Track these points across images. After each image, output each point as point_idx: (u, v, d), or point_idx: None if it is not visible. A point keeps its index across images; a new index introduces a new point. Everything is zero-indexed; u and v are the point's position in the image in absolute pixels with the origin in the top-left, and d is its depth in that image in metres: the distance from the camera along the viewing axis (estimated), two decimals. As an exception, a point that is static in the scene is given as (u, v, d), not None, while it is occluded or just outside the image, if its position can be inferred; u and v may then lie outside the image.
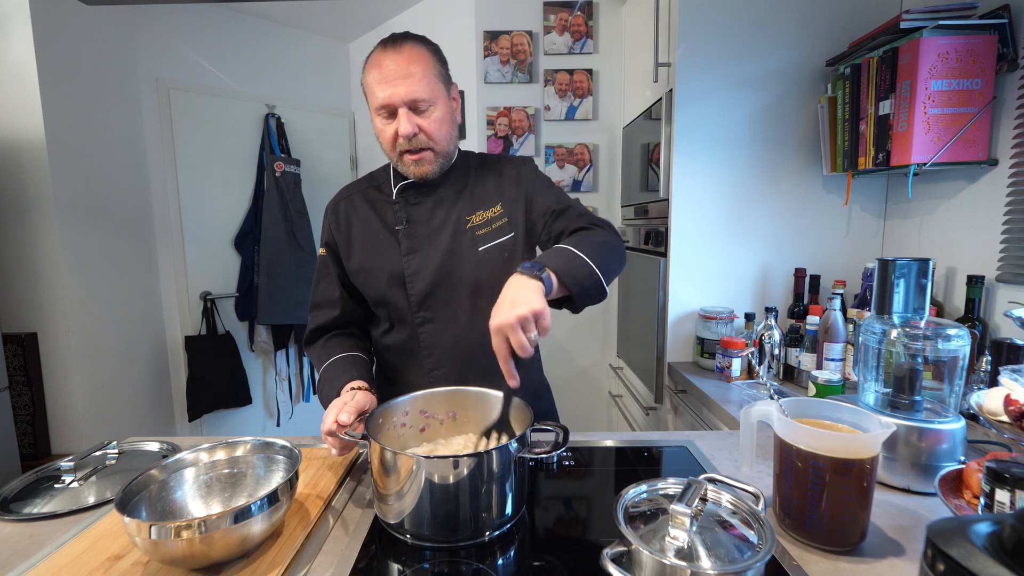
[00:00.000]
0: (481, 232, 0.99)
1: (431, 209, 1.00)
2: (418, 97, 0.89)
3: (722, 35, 1.59)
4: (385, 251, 1.00)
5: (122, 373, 2.15)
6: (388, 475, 0.67)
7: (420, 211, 1.00)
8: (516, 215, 1.01)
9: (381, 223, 1.01)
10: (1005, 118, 1.25)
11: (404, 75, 0.88)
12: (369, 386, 0.90)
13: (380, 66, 0.89)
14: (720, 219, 1.67)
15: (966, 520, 0.40)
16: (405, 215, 1.00)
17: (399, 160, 0.95)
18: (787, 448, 0.66)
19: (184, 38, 2.36)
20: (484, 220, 1.00)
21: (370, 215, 1.02)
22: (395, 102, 0.88)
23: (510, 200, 1.02)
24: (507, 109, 2.36)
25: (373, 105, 0.92)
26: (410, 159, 0.93)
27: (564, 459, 0.91)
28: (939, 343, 0.80)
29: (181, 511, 0.70)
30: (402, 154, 0.93)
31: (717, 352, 1.54)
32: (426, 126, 0.91)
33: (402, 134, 0.90)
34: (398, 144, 0.92)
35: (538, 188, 1.03)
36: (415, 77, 0.88)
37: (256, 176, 2.59)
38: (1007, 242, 1.23)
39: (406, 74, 0.88)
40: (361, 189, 1.06)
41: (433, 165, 0.95)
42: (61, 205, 1.87)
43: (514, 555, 0.67)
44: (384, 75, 0.88)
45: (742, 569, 0.49)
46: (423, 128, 0.91)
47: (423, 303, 0.99)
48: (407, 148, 0.92)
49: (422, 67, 0.89)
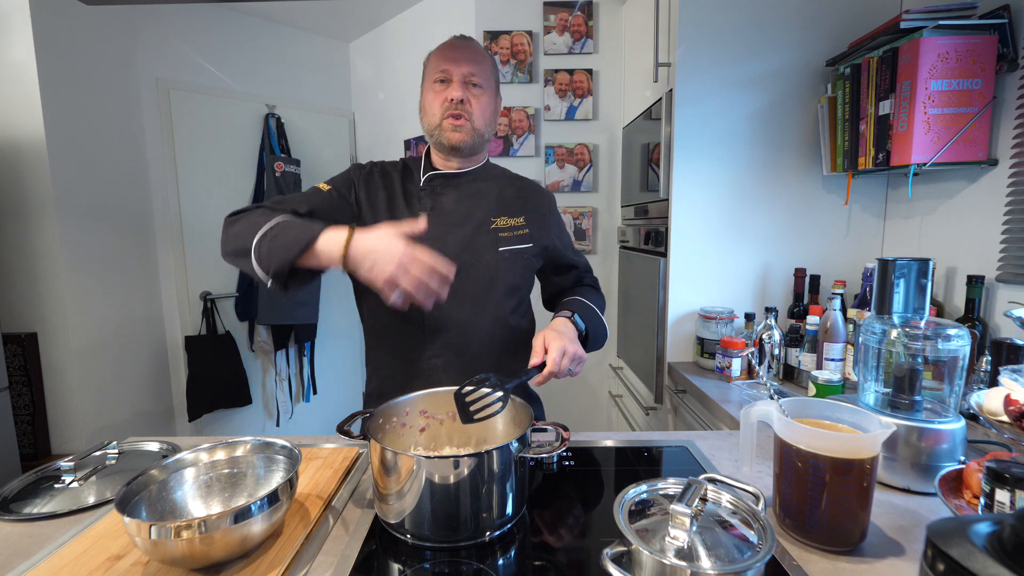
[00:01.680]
0: (504, 235, 1.05)
1: (456, 201, 1.04)
2: (475, 79, 0.99)
3: (722, 35, 1.59)
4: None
5: (122, 373, 2.15)
6: (388, 475, 0.67)
7: (445, 200, 1.04)
8: (539, 236, 1.08)
9: (406, 203, 1.04)
10: (1005, 118, 1.25)
11: (469, 58, 1.00)
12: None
13: (452, 46, 1.01)
14: (720, 219, 1.67)
15: (966, 520, 0.40)
16: (430, 203, 1.03)
17: (438, 127, 1.00)
18: (787, 448, 0.66)
19: (184, 38, 2.36)
20: (508, 225, 1.06)
21: (398, 191, 1.06)
22: (454, 72, 0.98)
23: (534, 222, 1.09)
24: (507, 109, 2.36)
25: (431, 77, 1.00)
26: (450, 123, 0.99)
27: (564, 459, 0.91)
28: (939, 343, 0.80)
29: (181, 511, 0.70)
30: (445, 117, 0.99)
31: (717, 352, 1.54)
32: (473, 101, 1.00)
33: (453, 95, 0.98)
34: (444, 108, 0.99)
35: (561, 229, 1.15)
36: (476, 63, 1.00)
37: (256, 176, 2.59)
38: (1007, 242, 1.23)
39: (470, 58, 1.00)
40: (395, 168, 1.09)
41: (469, 136, 1.01)
42: (61, 205, 1.87)
43: (514, 555, 0.67)
44: (454, 52, 1.00)
45: (742, 569, 0.49)
46: (470, 101, 0.99)
47: None
48: (451, 112, 0.98)
49: (486, 62, 1.03)
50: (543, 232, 1.09)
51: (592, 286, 1.18)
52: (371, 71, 2.89)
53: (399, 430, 0.84)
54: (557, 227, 1.14)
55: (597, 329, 1.05)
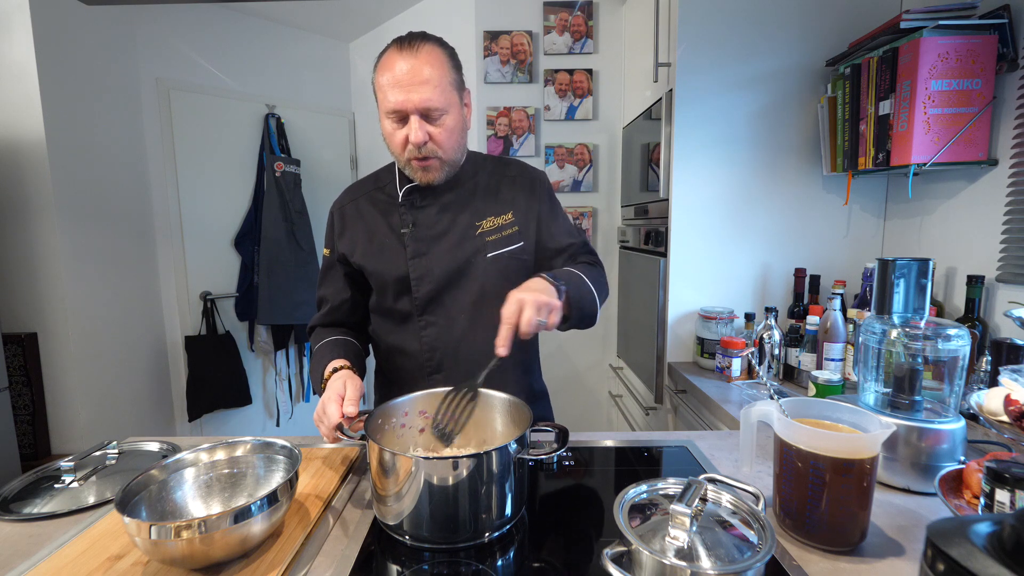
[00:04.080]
0: (491, 238, 0.99)
1: (438, 213, 1.00)
2: (432, 106, 0.86)
3: (722, 35, 1.59)
4: (390, 254, 1.00)
5: (122, 373, 2.15)
6: (387, 476, 0.67)
7: (426, 214, 1.00)
8: (527, 227, 1.02)
9: (387, 226, 1.01)
10: (1005, 118, 1.24)
11: (419, 81, 0.85)
12: (351, 365, 0.91)
13: (393, 68, 0.86)
14: (720, 219, 1.67)
15: (966, 520, 0.40)
16: (411, 218, 0.99)
17: (407, 164, 0.95)
18: (787, 448, 0.66)
19: (184, 38, 2.36)
20: (495, 227, 1.00)
21: (375, 218, 1.02)
22: (408, 109, 0.86)
23: (522, 211, 1.02)
24: (507, 109, 2.36)
25: (384, 108, 0.89)
26: (418, 165, 0.93)
27: (564, 459, 0.91)
28: (939, 343, 0.80)
29: (181, 511, 0.70)
30: (410, 160, 0.93)
31: (717, 352, 1.54)
32: (437, 135, 0.90)
33: (413, 142, 0.88)
34: (407, 151, 0.91)
35: (552, 210, 1.05)
36: (430, 84, 0.85)
37: (256, 176, 2.59)
38: (1007, 242, 1.23)
39: (421, 80, 0.85)
40: (366, 192, 1.06)
41: (440, 172, 0.95)
42: (61, 205, 1.87)
43: (513, 556, 0.67)
44: (398, 79, 0.85)
45: (742, 569, 0.49)
46: (433, 137, 0.90)
47: (427, 306, 0.99)
48: (416, 156, 0.91)
49: (438, 73, 0.87)
50: (530, 219, 1.02)
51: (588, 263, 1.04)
52: (371, 71, 2.88)
53: (398, 431, 0.84)
54: (551, 211, 1.05)
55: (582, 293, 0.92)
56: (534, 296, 0.79)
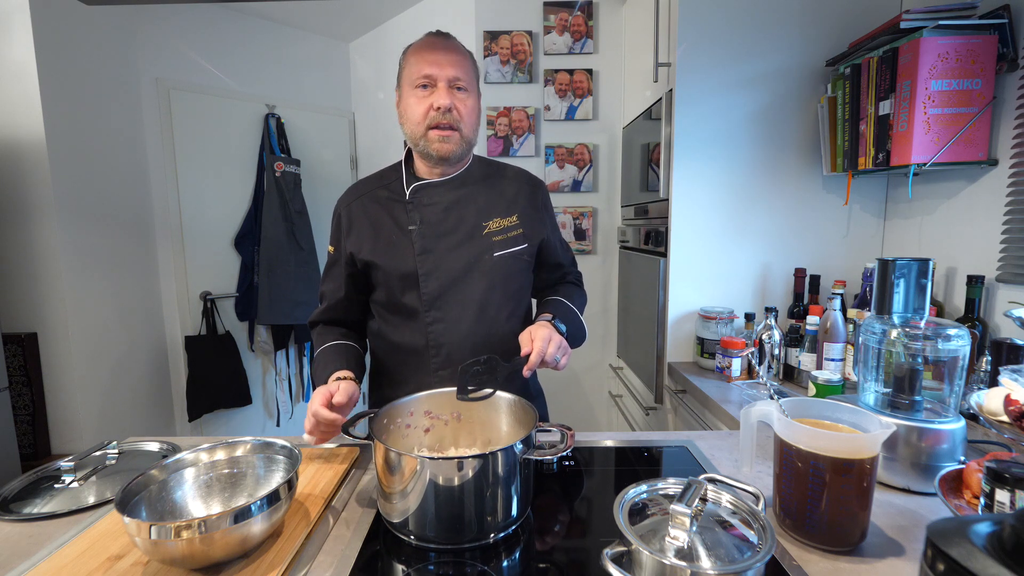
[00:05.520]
0: (498, 239, 1.02)
1: (444, 210, 1.01)
2: (461, 77, 0.95)
3: (722, 35, 1.59)
4: (398, 251, 1.00)
5: (122, 373, 2.15)
6: (392, 476, 0.67)
7: (433, 212, 1.01)
8: (532, 232, 1.06)
9: (394, 223, 1.02)
10: (1005, 118, 1.25)
11: (452, 58, 0.94)
12: (355, 376, 0.93)
13: (430, 45, 0.95)
14: (720, 219, 1.67)
15: (966, 520, 0.40)
16: (418, 216, 1.01)
17: (424, 137, 0.96)
18: (787, 448, 0.66)
19: (184, 38, 2.36)
20: (500, 228, 1.03)
21: (382, 215, 1.03)
22: (439, 76, 0.93)
23: (527, 217, 1.06)
24: (507, 109, 2.36)
25: (412, 77, 0.95)
26: (437, 135, 0.95)
27: (564, 459, 0.91)
28: (939, 343, 0.80)
29: (181, 511, 0.70)
30: (429, 129, 0.95)
31: (717, 352, 1.54)
32: (460, 106, 0.95)
33: (440, 104, 0.93)
34: (429, 117, 0.94)
35: (553, 223, 1.13)
36: (461, 65, 0.95)
37: (256, 176, 2.59)
38: (1007, 242, 1.23)
39: (454, 58, 0.95)
40: (371, 190, 1.06)
41: (458, 147, 0.98)
42: (61, 205, 1.87)
43: (519, 557, 0.66)
44: (434, 53, 0.94)
45: (742, 569, 0.49)
46: (457, 106, 0.95)
47: (435, 303, 1.00)
48: (437, 122, 0.94)
49: (468, 60, 0.98)
50: (537, 229, 1.07)
51: (575, 283, 1.18)
52: (371, 71, 2.88)
53: (403, 431, 0.84)
54: (551, 223, 1.13)
55: (577, 331, 1.06)
56: (559, 339, 0.92)
